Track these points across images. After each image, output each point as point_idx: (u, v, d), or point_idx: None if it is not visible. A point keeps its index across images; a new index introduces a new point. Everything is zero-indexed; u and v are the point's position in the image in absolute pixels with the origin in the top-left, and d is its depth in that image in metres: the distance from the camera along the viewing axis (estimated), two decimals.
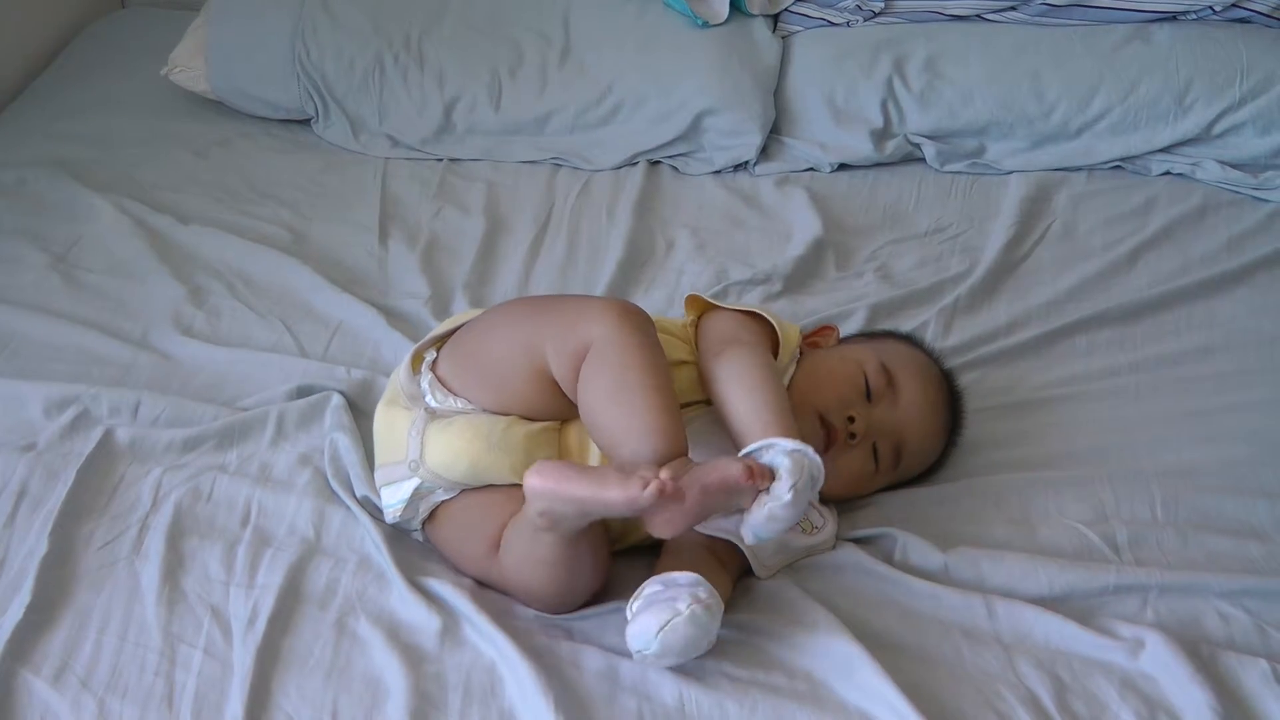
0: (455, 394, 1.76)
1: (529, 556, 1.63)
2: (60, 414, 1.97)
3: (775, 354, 1.83)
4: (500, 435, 1.71)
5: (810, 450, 1.57)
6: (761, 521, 1.54)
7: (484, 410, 1.74)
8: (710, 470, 1.53)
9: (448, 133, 2.74)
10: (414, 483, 1.74)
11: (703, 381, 1.76)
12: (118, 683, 1.57)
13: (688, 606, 1.52)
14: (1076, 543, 1.77)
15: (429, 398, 1.77)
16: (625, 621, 1.58)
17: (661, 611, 1.53)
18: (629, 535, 1.76)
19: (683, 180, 2.66)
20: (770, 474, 1.55)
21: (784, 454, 1.55)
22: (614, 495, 1.50)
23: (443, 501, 1.75)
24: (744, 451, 1.60)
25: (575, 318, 1.69)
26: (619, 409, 1.61)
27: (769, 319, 1.86)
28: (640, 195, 2.57)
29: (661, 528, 1.53)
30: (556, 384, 1.69)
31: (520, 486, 1.59)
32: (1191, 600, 1.67)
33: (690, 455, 1.64)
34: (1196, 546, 1.77)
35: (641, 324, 1.68)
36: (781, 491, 1.53)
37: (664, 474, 1.50)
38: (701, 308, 1.91)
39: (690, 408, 1.75)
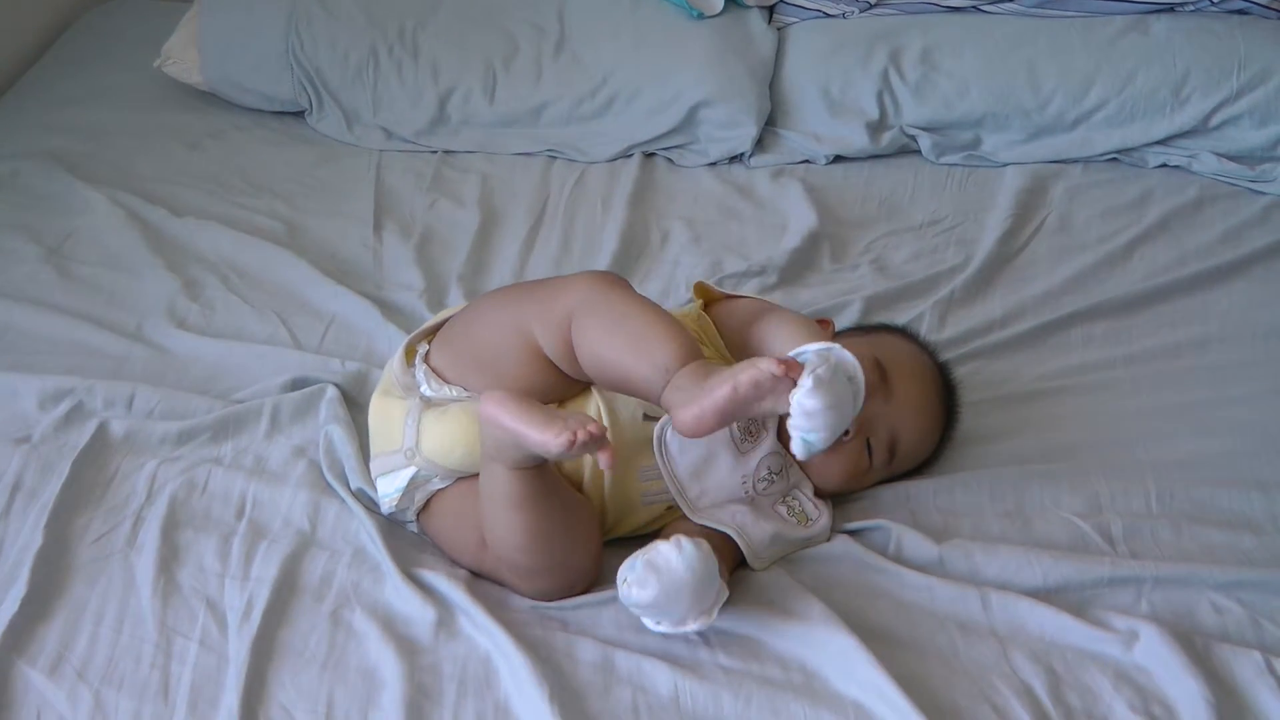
0: (450, 383, 1.76)
1: (490, 496, 1.64)
2: (55, 406, 1.97)
3: None
4: None
5: (840, 348, 1.55)
6: (799, 418, 1.51)
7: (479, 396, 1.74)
8: (743, 369, 1.50)
9: (442, 125, 2.73)
10: (410, 471, 1.74)
11: (742, 350, 1.77)
12: (113, 674, 1.57)
13: (671, 540, 1.54)
14: (1071, 535, 1.78)
15: (424, 387, 1.77)
16: (620, 611, 1.59)
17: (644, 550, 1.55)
18: (622, 524, 1.76)
19: (678, 172, 2.66)
20: (799, 367, 1.52)
21: (811, 353, 1.54)
22: (535, 436, 1.52)
23: (437, 491, 1.75)
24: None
25: (556, 290, 1.71)
26: (620, 340, 1.61)
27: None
28: (635, 187, 2.57)
29: (692, 426, 1.52)
30: (550, 361, 1.69)
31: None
32: (1186, 592, 1.68)
33: (673, 451, 1.66)
34: (1191, 539, 1.77)
35: (620, 282, 1.71)
36: (800, 396, 1.49)
37: (590, 427, 1.50)
38: (709, 294, 1.92)
39: None
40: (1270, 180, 2.53)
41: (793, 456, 1.55)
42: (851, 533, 1.79)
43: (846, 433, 1.67)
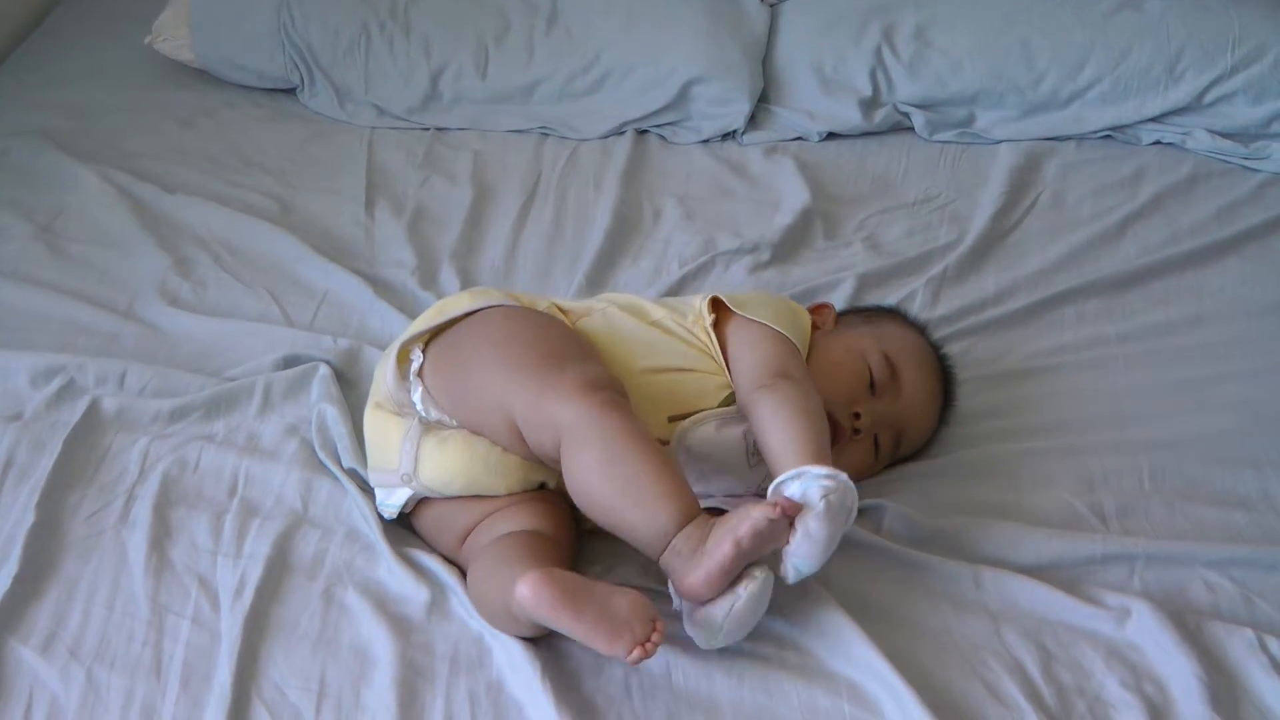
0: (446, 412, 1.73)
1: (496, 615, 1.59)
2: (46, 384, 1.96)
3: None
4: (499, 459, 1.69)
5: (844, 476, 1.55)
6: (799, 555, 1.52)
7: None
8: (740, 521, 1.49)
9: (434, 102, 2.73)
10: (408, 492, 1.73)
11: (742, 406, 1.72)
12: (106, 652, 1.57)
13: (745, 588, 1.51)
14: (1064, 512, 1.78)
15: (421, 410, 1.74)
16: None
17: (722, 601, 1.51)
18: None
19: (670, 149, 2.65)
20: (798, 507, 1.52)
21: (814, 479, 1.54)
22: (601, 648, 1.48)
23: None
24: (775, 482, 1.58)
25: (548, 389, 1.62)
26: (613, 487, 1.57)
27: (792, 339, 1.80)
28: (628, 164, 2.57)
29: (701, 592, 1.51)
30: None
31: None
32: (1178, 570, 1.68)
33: (691, 470, 1.64)
34: (1183, 516, 1.77)
35: (616, 405, 1.61)
36: (809, 520, 1.51)
37: (655, 637, 1.46)
38: (721, 307, 1.84)
39: (688, 418, 1.73)
40: (1264, 158, 2.53)
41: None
42: None
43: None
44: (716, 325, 1.81)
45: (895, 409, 1.82)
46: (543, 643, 1.56)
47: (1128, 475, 1.84)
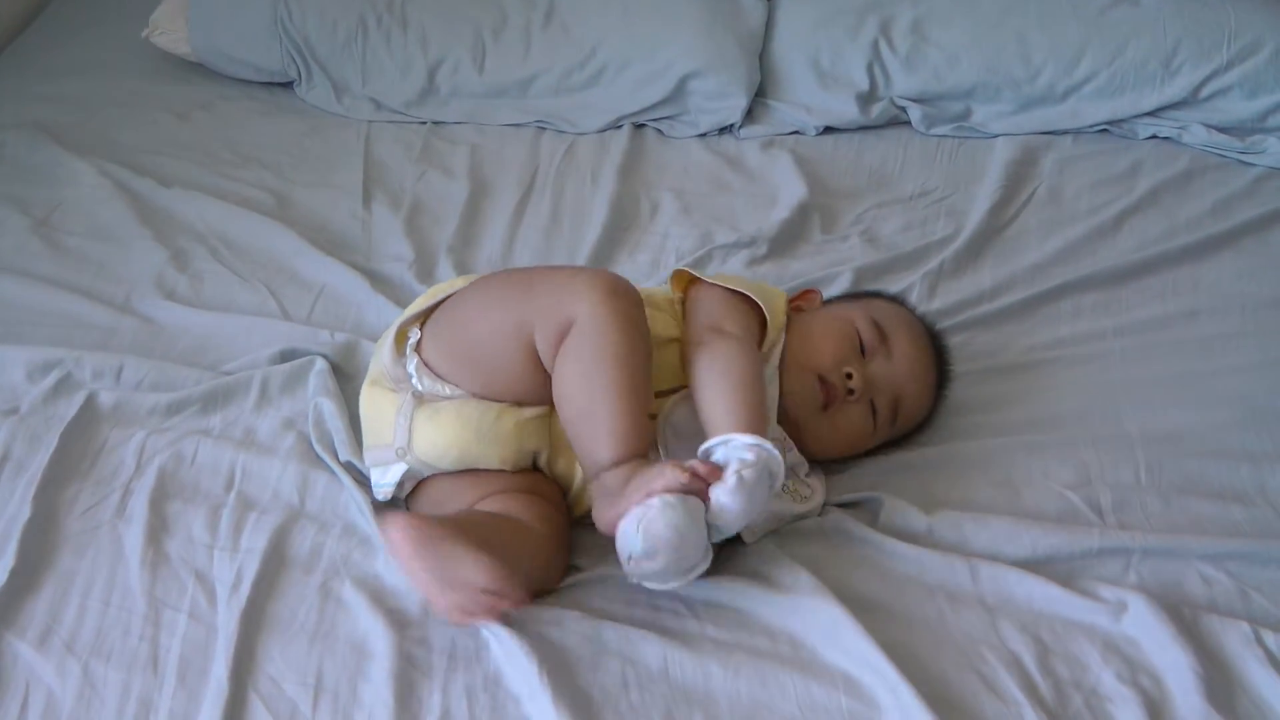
0: (443, 379, 1.74)
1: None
2: (43, 378, 1.96)
3: (763, 332, 1.82)
4: (491, 426, 1.70)
5: (768, 445, 1.57)
6: (716, 520, 1.55)
7: (472, 395, 1.73)
8: (655, 478, 1.54)
9: (431, 95, 2.73)
10: (403, 467, 1.74)
11: (684, 368, 1.74)
12: (102, 646, 1.57)
13: (659, 499, 1.53)
14: (1060, 506, 1.78)
15: (415, 381, 1.75)
16: (608, 585, 1.61)
17: (634, 513, 1.54)
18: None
19: (667, 143, 2.65)
20: (719, 471, 1.55)
21: (738, 449, 1.56)
22: (429, 596, 1.54)
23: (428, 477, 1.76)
24: (702, 448, 1.60)
25: (563, 293, 1.66)
26: (583, 404, 1.62)
27: (756, 300, 1.83)
28: (625, 158, 2.57)
29: (606, 529, 1.58)
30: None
31: (502, 472, 1.68)
32: (1174, 563, 1.68)
33: (672, 446, 1.66)
34: (1180, 510, 1.77)
35: (628, 304, 1.65)
36: (720, 491, 1.53)
37: (484, 614, 1.53)
38: (688, 281, 1.89)
39: (676, 393, 1.75)
40: (1260, 152, 2.53)
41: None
42: (840, 502, 1.79)
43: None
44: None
45: (887, 371, 1.83)
46: (539, 637, 1.56)
47: (1124, 469, 1.84)
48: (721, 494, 1.53)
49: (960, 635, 1.59)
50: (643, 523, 1.52)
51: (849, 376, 1.81)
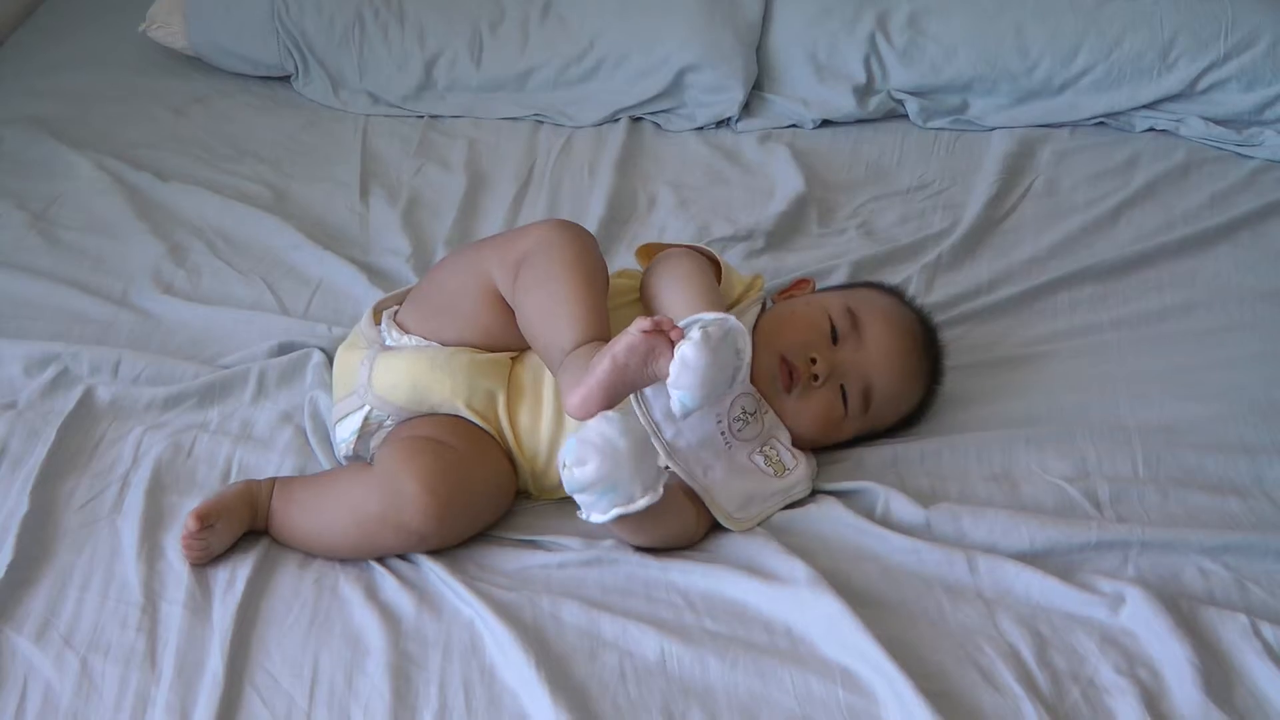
0: (412, 333, 1.80)
1: None
2: (40, 372, 1.96)
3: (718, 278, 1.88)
4: (445, 359, 1.76)
5: (733, 319, 1.58)
6: (679, 384, 1.55)
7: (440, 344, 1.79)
8: (618, 340, 1.56)
9: (428, 89, 2.72)
10: (363, 412, 1.77)
11: (643, 298, 1.81)
12: (100, 640, 1.57)
13: (599, 416, 1.56)
14: (1058, 499, 1.78)
15: (386, 337, 1.81)
16: (602, 572, 1.64)
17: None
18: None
19: (665, 137, 2.65)
20: (678, 330, 1.56)
21: (700, 321, 1.57)
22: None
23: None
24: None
25: (515, 234, 1.78)
26: (537, 302, 1.67)
27: (712, 252, 1.90)
28: (622, 152, 2.57)
29: (579, 407, 1.57)
30: (508, 307, 1.73)
31: (459, 419, 1.72)
32: (1172, 556, 1.68)
33: (660, 389, 1.65)
34: (1178, 502, 1.77)
35: (576, 230, 1.74)
36: (685, 345, 1.53)
37: (188, 538, 1.63)
38: (652, 252, 1.94)
39: None
40: (1257, 144, 2.53)
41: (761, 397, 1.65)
42: (838, 494, 1.79)
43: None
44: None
45: (857, 357, 1.83)
46: (535, 630, 1.56)
47: (1122, 462, 1.84)
48: (685, 347, 1.53)
49: (958, 628, 1.59)
50: (577, 432, 1.54)
51: (814, 361, 1.81)
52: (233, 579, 1.64)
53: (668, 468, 1.67)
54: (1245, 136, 2.54)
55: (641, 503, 1.57)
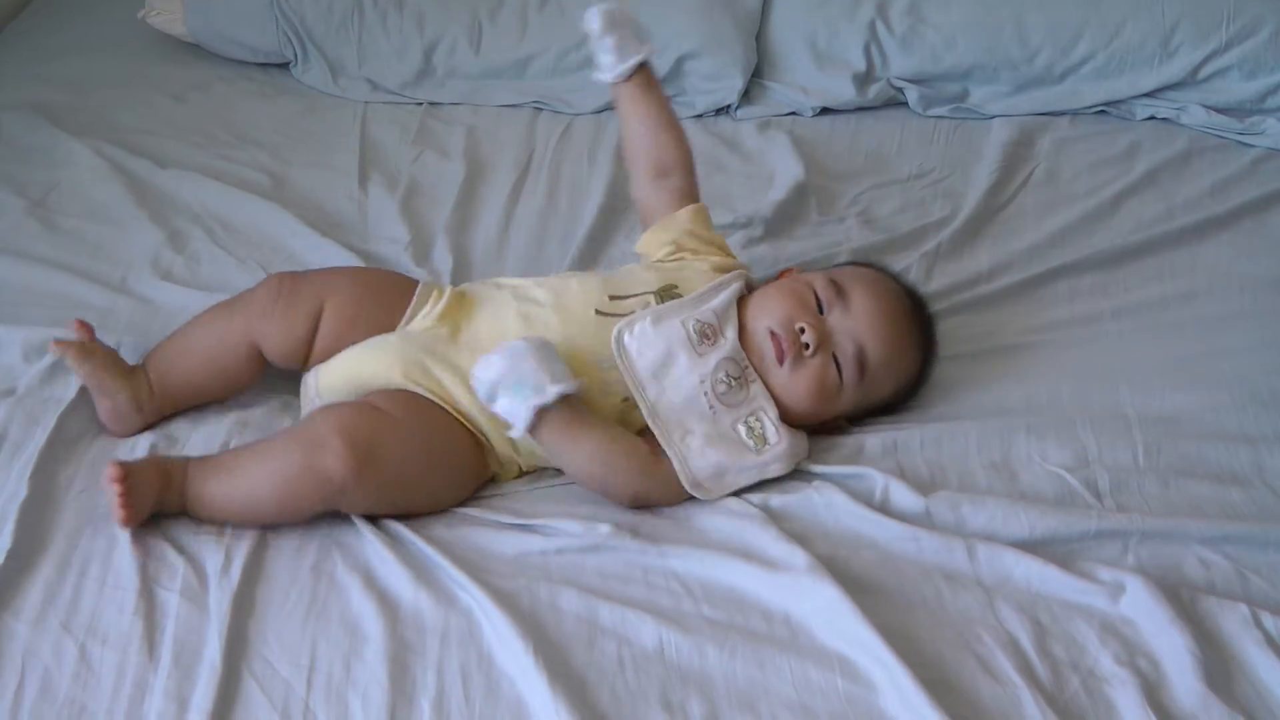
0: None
1: None
2: (40, 359, 1.95)
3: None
4: (376, 341, 1.85)
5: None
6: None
7: None
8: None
9: (427, 76, 2.72)
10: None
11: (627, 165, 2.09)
12: (98, 626, 1.57)
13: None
14: (1058, 487, 1.78)
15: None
16: (600, 559, 1.66)
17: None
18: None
19: None
20: None
21: None
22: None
23: None
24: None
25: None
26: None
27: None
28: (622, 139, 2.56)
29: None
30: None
31: (407, 393, 1.78)
32: (1172, 545, 1.68)
33: (644, 349, 1.78)
34: (1178, 492, 1.77)
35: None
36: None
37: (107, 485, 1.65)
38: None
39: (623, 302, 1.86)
40: (1259, 133, 2.53)
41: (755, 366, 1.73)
42: (837, 480, 1.79)
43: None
44: None
45: (846, 323, 1.84)
46: (533, 617, 1.56)
47: (1122, 451, 1.84)
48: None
49: (957, 616, 1.59)
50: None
51: (802, 331, 1.81)
52: (229, 566, 1.64)
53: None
54: (1246, 125, 2.54)
55: (552, 390, 1.66)
